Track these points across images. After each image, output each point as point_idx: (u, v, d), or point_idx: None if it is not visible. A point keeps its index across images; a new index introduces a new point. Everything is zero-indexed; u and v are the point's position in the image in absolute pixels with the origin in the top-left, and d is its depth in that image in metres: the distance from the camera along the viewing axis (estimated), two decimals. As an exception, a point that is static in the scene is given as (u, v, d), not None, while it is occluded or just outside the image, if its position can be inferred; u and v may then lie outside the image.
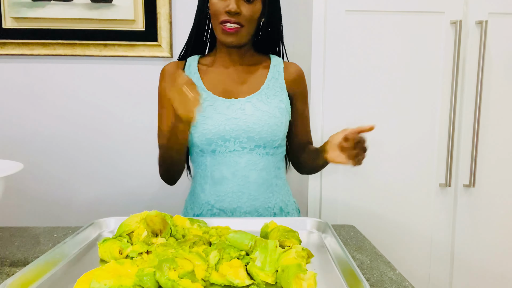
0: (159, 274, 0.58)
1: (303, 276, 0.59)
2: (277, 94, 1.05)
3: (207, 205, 1.04)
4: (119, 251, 0.70)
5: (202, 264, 0.62)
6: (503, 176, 1.47)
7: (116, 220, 0.87)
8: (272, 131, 1.01)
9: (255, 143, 1.01)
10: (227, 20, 0.95)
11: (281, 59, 1.12)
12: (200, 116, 0.99)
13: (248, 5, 0.96)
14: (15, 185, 1.70)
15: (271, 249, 0.64)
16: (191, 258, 0.63)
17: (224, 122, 0.99)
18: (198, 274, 0.61)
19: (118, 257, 0.69)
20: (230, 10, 0.93)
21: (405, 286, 0.65)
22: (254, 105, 1.01)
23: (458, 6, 1.39)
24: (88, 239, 0.80)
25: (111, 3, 1.60)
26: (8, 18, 1.60)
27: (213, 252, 0.66)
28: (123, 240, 0.72)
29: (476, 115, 1.42)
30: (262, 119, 1.00)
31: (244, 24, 0.96)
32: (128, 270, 0.61)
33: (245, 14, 0.95)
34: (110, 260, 0.68)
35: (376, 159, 1.46)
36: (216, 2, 0.96)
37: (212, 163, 1.03)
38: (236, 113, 1.00)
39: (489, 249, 1.49)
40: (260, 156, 1.02)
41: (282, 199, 1.08)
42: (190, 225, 0.81)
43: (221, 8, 0.95)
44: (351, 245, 0.85)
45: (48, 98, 1.67)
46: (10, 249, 0.80)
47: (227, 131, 0.99)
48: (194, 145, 1.03)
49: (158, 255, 0.64)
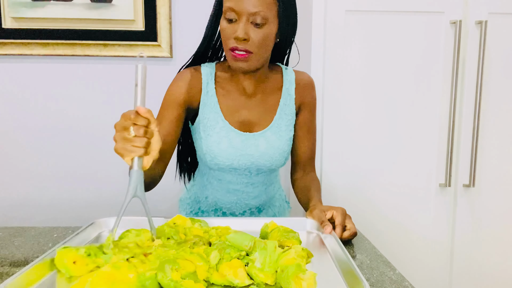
0: (161, 275, 0.57)
1: (302, 276, 0.58)
2: (288, 124, 1.04)
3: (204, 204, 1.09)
4: (73, 261, 0.64)
5: (204, 265, 0.62)
6: (503, 176, 1.47)
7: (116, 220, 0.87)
8: (281, 163, 1.05)
9: (262, 171, 1.04)
10: (235, 47, 0.89)
11: (293, 73, 1.06)
12: (215, 147, 0.97)
13: (258, 30, 0.88)
14: (15, 185, 1.70)
15: (271, 250, 0.64)
16: (192, 259, 0.62)
17: (238, 157, 0.99)
18: (200, 274, 0.60)
19: (70, 267, 0.63)
20: (237, 36, 0.87)
21: (405, 286, 0.65)
22: (267, 141, 1.00)
23: (458, 6, 1.39)
24: (88, 239, 0.80)
25: (111, 3, 1.60)
26: (8, 18, 1.60)
27: (213, 252, 0.65)
28: (80, 249, 0.65)
29: (476, 115, 1.42)
30: (273, 156, 1.01)
31: (254, 50, 0.90)
32: (125, 274, 0.58)
33: (254, 40, 0.88)
34: (62, 268, 0.64)
35: (376, 159, 1.46)
36: (226, 27, 0.90)
37: (217, 177, 1.05)
38: (250, 149, 0.99)
39: (489, 249, 1.49)
40: (265, 176, 1.06)
41: (273, 195, 1.13)
42: (191, 224, 0.81)
43: (230, 33, 0.89)
44: (351, 245, 0.84)
45: (47, 98, 1.67)
46: (10, 249, 0.80)
47: (240, 165, 1.00)
48: (202, 160, 1.04)
49: (159, 256, 0.63)
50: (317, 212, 0.87)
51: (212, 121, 0.98)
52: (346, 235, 0.84)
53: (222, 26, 0.91)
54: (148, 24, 1.63)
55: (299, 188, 1.10)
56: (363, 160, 1.46)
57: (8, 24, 1.61)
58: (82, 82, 1.67)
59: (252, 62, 0.92)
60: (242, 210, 1.07)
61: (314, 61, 1.40)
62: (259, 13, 0.87)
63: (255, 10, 0.86)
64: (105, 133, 1.70)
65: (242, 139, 0.98)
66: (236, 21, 0.88)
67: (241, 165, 1.00)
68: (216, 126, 0.98)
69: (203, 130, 0.98)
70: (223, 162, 0.98)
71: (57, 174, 1.70)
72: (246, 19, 0.87)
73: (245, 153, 0.98)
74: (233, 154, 0.98)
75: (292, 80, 1.05)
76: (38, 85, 1.66)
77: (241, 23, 0.87)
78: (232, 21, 0.89)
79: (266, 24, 0.89)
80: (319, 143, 1.44)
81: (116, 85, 1.68)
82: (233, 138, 0.98)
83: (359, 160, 1.46)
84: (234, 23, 0.89)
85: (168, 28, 1.64)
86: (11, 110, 1.67)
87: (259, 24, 0.88)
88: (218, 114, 0.98)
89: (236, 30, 0.88)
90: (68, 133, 1.69)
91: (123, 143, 0.67)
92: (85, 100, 1.68)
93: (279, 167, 1.05)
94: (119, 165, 1.71)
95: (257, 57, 0.91)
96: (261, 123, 1.01)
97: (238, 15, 0.88)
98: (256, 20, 0.87)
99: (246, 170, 1.01)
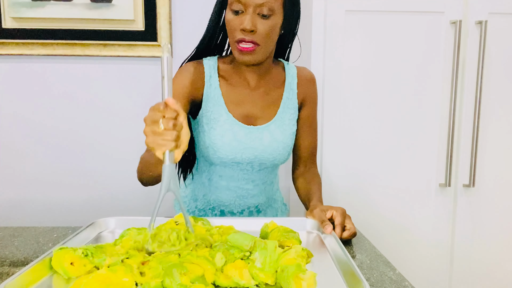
0: (169, 280, 0.56)
1: (302, 276, 0.58)
2: (291, 118, 1.04)
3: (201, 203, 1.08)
4: (71, 262, 0.63)
5: (211, 268, 0.61)
6: (503, 176, 1.47)
7: (116, 220, 0.87)
8: (284, 158, 1.04)
9: (265, 166, 1.03)
10: (242, 39, 0.89)
11: (294, 68, 1.07)
12: (219, 140, 0.96)
13: (264, 21, 0.88)
14: (15, 185, 1.70)
15: (271, 250, 0.64)
16: (199, 262, 0.61)
17: (242, 151, 0.98)
18: (208, 278, 0.60)
19: (68, 268, 0.63)
20: (244, 28, 0.87)
21: (405, 286, 0.65)
22: (271, 134, 1.00)
23: (458, 6, 1.39)
24: (88, 239, 0.80)
25: (111, 3, 1.60)
26: (8, 18, 1.60)
27: (218, 254, 0.65)
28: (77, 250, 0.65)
29: (476, 115, 1.42)
30: (277, 149, 1.01)
31: (261, 42, 0.89)
32: (122, 278, 0.56)
33: (261, 32, 0.88)
34: (59, 269, 0.63)
35: (376, 159, 1.46)
36: (231, 18, 0.90)
37: (218, 173, 1.04)
38: (254, 142, 0.98)
39: (489, 249, 1.50)
40: (267, 172, 1.06)
41: (272, 196, 1.12)
42: (194, 223, 0.81)
43: (236, 25, 0.89)
44: (351, 245, 0.84)
45: (47, 98, 1.67)
46: (10, 249, 0.80)
47: (243, 158, 0.99)
48: (203, 155, 1.03)
49: (161, 262, 0.61)
50: (317, 211, 0.88)
51: (216, 114, 0.97)
52: (345, 235, 0.84)
53: (228, 18, 0.91)
54: (148, 24, 1.63)
55: (300, 184, 1.10)
56: (363, 160, 1.46)
57: (8, 24, 1.61)
58: (82, 82, 1.67)
59: (258, 54, 0.91)
60: (241, 209, 1.06)
61: (314, 61, 1.40)
62: (266, 4, 0.87)
63: (262, 1, 0.86)
64: (105, 133, 1.70)
65: (246, 132, 0.98)
66: (243, 12, 0.88)
67: (244, 158, 0.99)
68: (219, 119, 0.97)
69: (206, 123, 0.98)
70: (226, 156, 0.98)
71: (57, 174, 1.70)
72: (253, 10, 0.87)
73: (248, 146, 0.98)
74: (236, 147, 0.97)
75: (294, 75, 1.05)
76: (38, 85, 1.66)
77: (248, 14, 0.87)
78: (238, 13, 0.89)
79: (272, 15, 0.89)
80: (319, 143, 1.44)
81: (116, 85, 1.68)
82: (237, 131, 0.97)
83: (359, 160, 1.46)
84: (241, 14, 0.89)
85: (168, 28, 1.64)
86: (11, 110, 1.67)
87: (266, 15, 0.88)
88: (222, 107, 0.98)
89: (242, 22, 0.87)
90: (68, 133, 1.69)
91: (154, 137, 0.65)
92: (85, 100, 1.68)
93: (281, 162, 1.05)
94: (119, 165, 1.71)
95: (263, 50, 0.91)
96: (264, 117, 1.01)
97: (244, 7, 0.87)
98: (263, 11, 0.87)
99: (248, 165, 1.01)
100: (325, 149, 1.45)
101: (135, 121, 1.70)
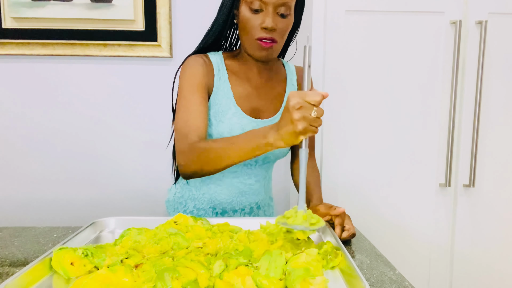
0: (160, 284, 0.55)
1: (312, 281, 0.56)
2: None
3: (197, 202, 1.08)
4: (71, 262, 0.64)
5: (205, 273, 0.59)
6: (503, 176, 1.47)
7: (116, 220, 0.87)
8: (286, 151, 1.06)
9: (268, 160, 1.05)
10: (263, 37, 0.92)
11: (292, 65, 1.11)
12: (227, 133, 0.97)
13: (283, 20, 0.92)
14: (15, 185, 1.70)
15: (275, 255, 0.62)
16: (193, 266, 0.60)
17: None
18: (201, 283, 0.58)
19: (68, 269, 0.63)
20: (267, 26, 0.90)
21: (405, 286, 0.65)
22: None
23: (458, 6, 1.39)
24: (88, 239, 0.80)
25: (111, 3, 1.60)
26: (8, 18, 1.60)
27: (218, 262, 0.62)
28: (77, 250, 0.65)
29: (476, 115, 1.42)
30: None
31: (278, 40, 0.94)
32: (122, 278, 0.56)
33: (280, 30, 0.92)
34: (59, 269, 0.63)
35: (376, 159, 1.46)
36: (251, 17, 0.92)
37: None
38: None
39: (489, 248, 1.49)
40: (267, 167, 1.08)
41: (268, 192, 1.14)
42: (193, 222, 0.81)
43: (257, 24, 0.91)
44: (351, 245, 0.84)
45: (48, 98, 1.67)
46: (10, 249, 0.80)
47: None
48: None
49: (155, 265, 0.60)
50: (323, 205, 0.90)
51: (225, 106, 0.98)
52: (345, 236, 0.84)
53: (246, 16, 0.92)
54: (148, 24, 1.63)
55: (298, 177, 1.11)
56: (363, 160, 1.46)
57: (8, 24, 1.61)
58: (82, 82, 1.67)
59: (275, 51, 0.96)
60: (242, 206, 1.07)
61: (314, 61, 1.40)
62: (286, 4, 0.91)
63: (283, 1, 0.90)
64: (105, 133, 1.70)
65: (253, 126, 0.99)
66: (262, 11, 0.91)
67: None
68: (228, 111, 0.98)
69: (214, 116, 0.98)
70: None
71: (57, 174, 1.70)
72: (273, 9, 0.90)
73: None
74: None
75: (293, 72, 1.09)
76: (38, 85, 1.66)
77: (268, 13, 0.90)
78: (258, 12, 0.91)
79: (289, 15, 0.93)
80: (320, 143, 1.44)
81: (116, 85, 1.68)
82: (245, 125, 0.98)
83: (359, 160, 1.46)
84: (260, 13, 0.91)
85: (168, 28, 1.64)
86: (11, 110, 1.67)
87: (284, 14, 0.92)
88: (230, 99, 0.99)
89: (264, 20, 0.90)
90: (68, 133, 1.69)
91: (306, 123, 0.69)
92: (85, 100, 1.68)
93: (283, 156, 1.07)
94: (119, 165, 1.71)
95: (278, 47, 0.96)
96: (269, 110, 1.03)
97: (265, 5, 0.90)
98: (282, 11, 0.91)
99: (253, 159, 1.02)
100: (325, 149, 1.45)
101: (135, 121, 1.70)
